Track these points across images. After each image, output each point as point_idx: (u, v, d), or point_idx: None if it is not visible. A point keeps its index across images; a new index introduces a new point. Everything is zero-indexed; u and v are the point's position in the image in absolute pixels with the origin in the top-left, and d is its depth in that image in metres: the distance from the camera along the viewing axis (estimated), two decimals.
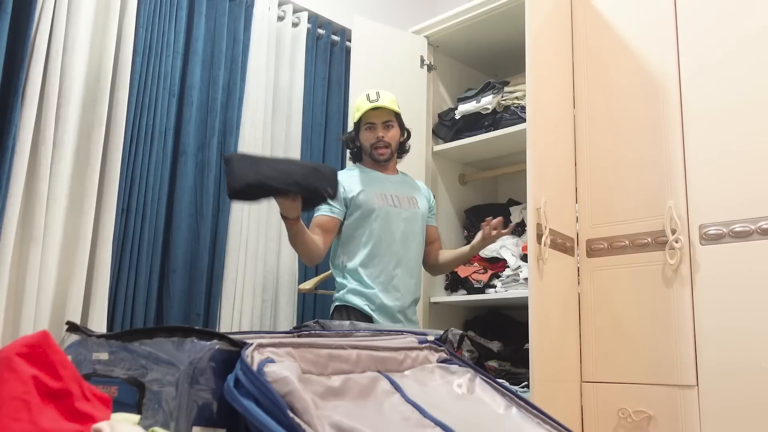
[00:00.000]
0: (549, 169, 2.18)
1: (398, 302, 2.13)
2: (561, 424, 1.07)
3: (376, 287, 2.11)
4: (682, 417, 1.96)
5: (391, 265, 2.14)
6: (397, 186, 2.26)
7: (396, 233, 2.16)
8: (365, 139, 2.23)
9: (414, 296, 2.21)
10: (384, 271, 2.13)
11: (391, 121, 2.22)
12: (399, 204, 2.20)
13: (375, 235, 2.13)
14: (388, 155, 2.23)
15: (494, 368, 2.51)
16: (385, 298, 2.11)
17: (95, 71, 2.21)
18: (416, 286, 2.23)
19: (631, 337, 2.11)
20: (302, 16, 2.88)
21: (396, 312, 2.13)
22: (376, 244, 2.13)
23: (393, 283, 2.13)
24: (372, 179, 2.22)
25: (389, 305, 2.11)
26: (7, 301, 1.93)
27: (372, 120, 2.20)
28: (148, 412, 0.89)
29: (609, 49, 2.33)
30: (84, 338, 1.07)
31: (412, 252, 2.22)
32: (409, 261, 2.20)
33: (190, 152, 2.44)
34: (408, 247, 2.19)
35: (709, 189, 2.02)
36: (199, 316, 2.37)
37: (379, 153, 2.22)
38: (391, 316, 2.11)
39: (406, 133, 2.31)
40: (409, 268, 2.19)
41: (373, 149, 2.22)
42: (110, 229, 2.15)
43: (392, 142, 2.23)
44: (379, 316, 2.09)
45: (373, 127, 2.21)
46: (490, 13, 2.62)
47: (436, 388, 1.10)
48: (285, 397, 0.82)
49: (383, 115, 2.20)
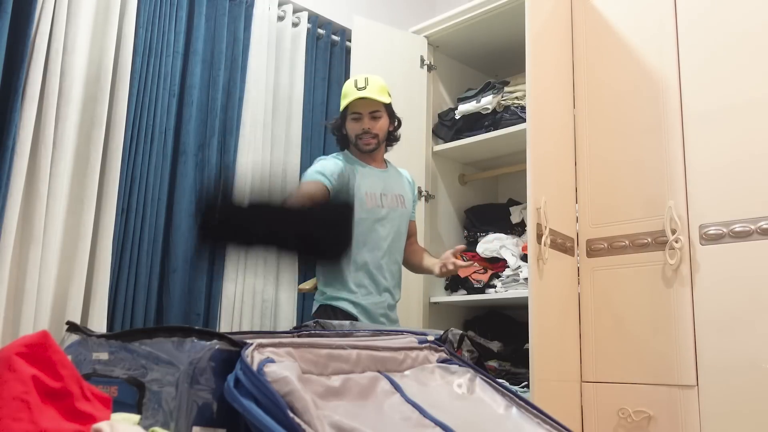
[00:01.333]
0: (549, 169, 2.18)
1: (383, 304, 2.12)
2: (561, 424, 1.07)
3: (359, 290, 2.08)
4: (682, 417, 1.96)
5: (377, 268, 2.12)
6: (385, 182, 2.21)
7: (383, 235, 2.14)
8: (351, 129, 2.17)
9: (396, 298, 2.20)
10: (369, 273, 2.10)
11: (379, 111, 2.14)
12: (387, 204, 2.17)
13: (363, 236, 2.10)
14: (374, 145, 2.17)
15: (494, 368, 2.51)
16: (370, 300, 2.09)
17: (95, 71, 2.21)
18: (398, 287, 2.22)
19: (631, 337, 2.11)
20: (302, 16, 2.88)
21: (379, 316, 2.11)
22: (362, 246, 2.10)
23: (377, 285, 2.12)
24: (362, 175, 2.16)
25: (373, 308, 2.09)
26: (7, 301, 1.93)
27: (358, 110, 2.13)
28: (148, 412, 0.89)
29: (609, 49, 2.33)
30: (84, 338, 1.07)
31: (397, 254, 2.21)
32: (395, 263, 2.19)
33: (190, 152, 2.44)
34: (393, 249, 2.18)
35: (709, 189, 2.02)
36: (199, 316, 2.37)
37: (365, 143, 2.15)
38: (374, 318, 2.10)
39: (396, 121, 2.24)
40: (392, 271, 2.18)
41: (359, 140, 2.15)
42: (110, 229, 2.15)
43: (380, 133, 2.17)
44: (364, 318, 2.07)
45: (359, 117, 2.14)
46: (490, 13, 2.62)
47: (436, 388, 1.10)
48: (285, 397, 0.82)
49: (370, 105, 2.12)
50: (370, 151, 2.18)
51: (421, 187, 2.71)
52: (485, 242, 2.66)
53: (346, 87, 2.18)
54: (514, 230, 2.71)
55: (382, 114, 2.16)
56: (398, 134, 2.29)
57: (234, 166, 2.56)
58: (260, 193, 1.52)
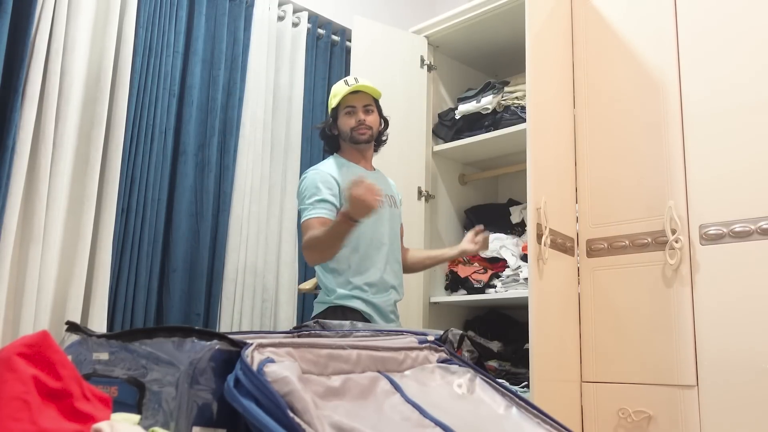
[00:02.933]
0: (549, 169, 2.18)
1: (390, 301, 2.13)
2: (561, 424, 1.07)
3: (370, 289, 2.08)
4: (682, 417, 1.96)
5: (382, 267, 2.12)
6: (377, 182, 2.16)
7: (384, 234, 2.14)
8: (345, 124, 2.17)
9: (401, 295, 2.21)
10: (375, 273, 2.10)
11: (371, 106, 2.18)
12: (383, 204, 2.15)
13: (366, 237, 2.09)
14: (368, 136, 2.18)
15: (494, 368, 2.51)
16: (380, 298, 2.09)
17: (95, 71, 2.21)
18: (402, 285, 2.22)
19: (631, 337, 2.11)
20: (302, 16, 2.88)
21: (389, 313, 2.12)
22: (367, 246, 2.10)
23: (384, 283, 2.12)
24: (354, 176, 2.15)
25: (384, 305, 2.09)
26: (7, 301, 1.93)
27: (352, 103, 2.16)
28: (148, 412, 0.89)
29: (609, 49, 2.33)
30: (84, 338, 1.07)
31: (398, 253, 2.22)
32: (396, 262, 2.20)
33: (190, 152, 2.44)
34: (394, 248, 2.19)
35: (709, 189, 2.02)
36: (199, 316, 2.37)
37: (360, 133, 2.16)
38: (386, 316, 2.10)
39: (383, 122, 2.26)
40: (395, 270, 2.18)
41: (354, 131, 2.16)
42: (110, 229, 2.15)
43: (373, 126, 2.19)
44: (377, 316, 2.08)
45: (353, 110, 2.16)
46: (490, 13, 2.63)
47: (436, 388, 1.10)
48: (285, 397, 0.82)
49: (363, 98, 2.17)
50: (365, 141, 2.18)
51: (421, 187, 2.72)
52: None
53: (336, 87, 2.21)
54: (514, 230, 2.71)
55: (373, 109, 2.20)
56: (386, 136, 2.30)
57: (234, 166, 2.56)
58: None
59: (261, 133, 2.65)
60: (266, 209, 2.64)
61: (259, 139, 2.64)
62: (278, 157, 2.74)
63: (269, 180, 2.68)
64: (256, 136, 2.63)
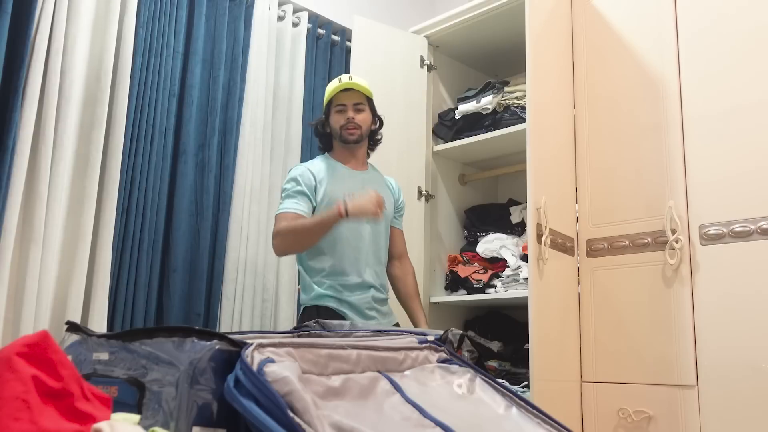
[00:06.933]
0: (549, 169, 2.18)
1: (368, 298, 2.11)
2: (561, 424, 1.07)
3: (344, 289, 2.08)
4: (682, 417, 1.96)
5: (361, 267, 2.11)
6: (363, 183, 2.18)
7: (364, 234, 2.14)
8: (335, 122, 2.18)
9: (385, 293, 2.19)
10: (352, 273, 2.10)
11: (362, 104, 2.18)
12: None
13: (343, 237, 2.09)
14: (357, 136, 2.17)
15: (494, 368, 2.51)
16: (355, 297, 2.09)
17: (95, 71, 2.21)
18: (384, 286, 2.21)
19: (631, 337, 2.11)
20: (302, 16, 2.88)
21: (367, 310, 2.10)
22: (344, 246, 2.10)
23: (363, 284, 2.11)
24: (340, 177, 2.16)
25: (359, 302, 2.08)
26: (7, 301, 1.93)
27: (343, 101, 2.16)
28: (148, 412, 0.89)
29: (609, 49, 2.33)
30: (84, 338, 1.07)
31: (382, 251, 2.21)
32: (378, 263, 2.18)
33: (190, 152, 2.44)
34: (378, 247, 2.18)
35: (709, 189, 2.02)
36: (199, 316, 2.37)
37: (349, 132, 2.16)
38: (362, 312, 2.09)
39: (378, 121, 2.26)
40: (377, 271, 2.17)
41: (343, 130, 2.16)
42: (110, 229, 2.15)
43: (363, 125, 2.18)
44: (351, 313, 2.07)
45: (343, 109, 2.17)
46: (490, 13, 2.62)
47: (436, 388, 1.10)
48: (285, 397, 0.82)
49: (354, 96, 2.17)
50: (354, 141, 2.18)
51: (421, 186, 2.71)
52: (485, 242, 2.67)
53: (330, 86, 2.22)
54: (514, 230, 2.71)
55: (365, 107, 2.19)
56: (380, 135, 2.29)
57: (234, 166, 2.56)
58: None
59: (261, 133, 2.65)
60: (266, 209, 2.64)
61: (259, 139, 2.64)
62: (278, 157, 2.74)
63: (269, 180, 2.68)
64: (256, 136, 2.63)
